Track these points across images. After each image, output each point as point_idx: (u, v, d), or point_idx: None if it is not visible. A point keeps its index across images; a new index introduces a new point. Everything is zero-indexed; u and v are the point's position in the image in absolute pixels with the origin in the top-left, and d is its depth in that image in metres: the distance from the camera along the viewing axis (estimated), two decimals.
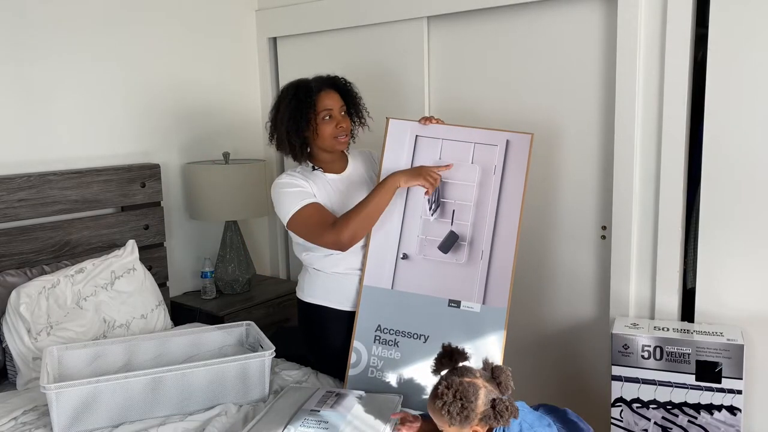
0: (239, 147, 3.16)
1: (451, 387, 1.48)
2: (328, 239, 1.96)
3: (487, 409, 1.48)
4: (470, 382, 1.50)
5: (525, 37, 2.43)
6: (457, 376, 1.53)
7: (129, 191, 2.68)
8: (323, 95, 2.04)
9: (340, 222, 1.95)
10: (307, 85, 2.05)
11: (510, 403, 1.49)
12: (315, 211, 2.00)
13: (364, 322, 2.07)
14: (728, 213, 2.05)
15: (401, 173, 1.98)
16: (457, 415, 1.46)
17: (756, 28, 1.94)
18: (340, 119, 2.06)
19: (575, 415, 1.75)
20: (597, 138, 2.34)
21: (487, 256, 2.03)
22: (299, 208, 2.00)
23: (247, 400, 1.97)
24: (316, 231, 1.98)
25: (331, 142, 2.06)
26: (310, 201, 2.01)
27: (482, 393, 1.50)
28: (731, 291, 2.08)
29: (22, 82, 2.44)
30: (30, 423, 1.84)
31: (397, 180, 1.97)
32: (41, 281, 2.22)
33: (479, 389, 1.50)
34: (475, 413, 1.47)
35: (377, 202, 1.95)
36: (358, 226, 1.94)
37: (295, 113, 2.02)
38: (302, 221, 2.00)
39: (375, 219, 1.97)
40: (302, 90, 2.04)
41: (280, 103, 2.08)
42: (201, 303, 2.85)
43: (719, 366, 1.96)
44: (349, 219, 1.94)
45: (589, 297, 2.43)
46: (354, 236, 1.94)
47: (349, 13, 2.82)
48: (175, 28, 2.90)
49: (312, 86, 2.05)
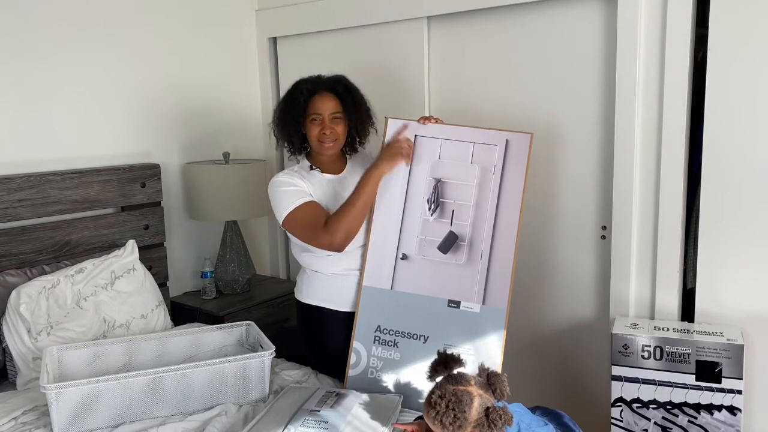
0: (239, 147, 3.16)
1: (444, 397, 1.47)
2: (323, 242, 1.98)
3: (481, 417, 1.47)
4: (464, 391, 1.49)
5: (525, 37, 2.43)
6: (451, 384, 1.52)
7: (129, 191, 2.68)
8: (316, 99, 2.05)
9: (332, 224, 1.96)
10: (301, 87, 2.07)
11: (504, 411, 1.48)
12: (308, 211, 2.01)
13: (364, 323, 2.07)
14: (728, 213, 2.05)
15: (381, 163, 2.04)
16: (450, 425, 1.45)
17: (756, 28, 1.94)
18: (327, 124, 2.05)
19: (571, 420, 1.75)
20: (597, 138, 2.34)
21: (486, 256, 2.03)
22: (294, 207, 2.01)
23: (247, 400, 1.97)
24: (310, 233, 2.00)
25: (317, 145, 2.07)
26: (304, 200, 2.02)
27: (476, 402, 1.48)
28: (731, 291, 2.08)
29: (22, 82, 2.44)
30: (30, 423, 1.84)
31: (380, 170, 2.03)
32: (41, 281, 2.22)
33: (473, 398, 1.48)
34: (468, 422, 1.46)
35: (365, 197, 2.00)
36: (350, 226, 1.97)
37: (285, 113, 2.08)
38: (296, 222, 2.02)
39: (366, 214, 2.03)
40: (297, 91, 2.08)
41: (281, 101, 2.14)
42: (201, 303, 2.85)
43: (719, 366, 1.96)
44: (341, 219, 1.96)
45: (589, 297, 2.43)
46: (347, 236, 1.98)
47: (349, 13, 2.82)
48: (175, 28, 2.90)
49: (305, 89, 2.06)
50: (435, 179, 2.08)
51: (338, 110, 2.07)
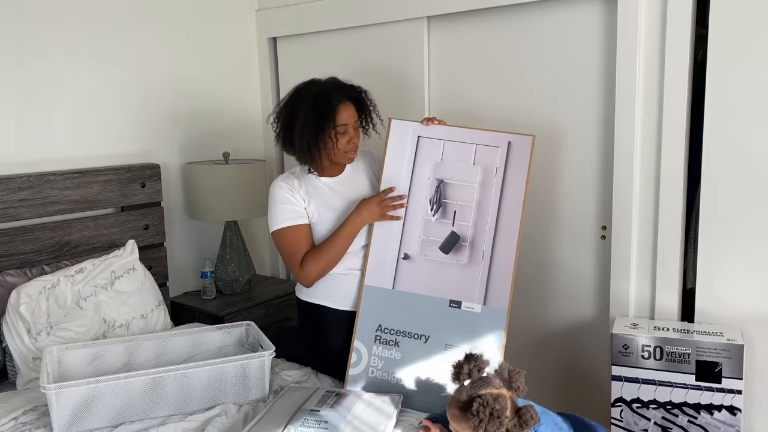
0: (239, 147, 3.15)
1: (488, 405, 1.48)
2: (295, 275, 2.10)
3: (513, 418, 1.51)
4: (499, 396, 1.51)
5: (525, 37, 2.43)
6: (483, 387, 1.54)
7: (129, 191, 2.68)
8: (342, 108, 2.01)
9: (307, 265, 2.05)
10: (327, 95, 2.00)
11: (533, 410, 1.52)
12: (292, 239, 2.06)
13: (365, 322, 2.07)
14: (728, 213, 2.05)
15: (368, 214, 2.05)
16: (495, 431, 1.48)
17: (756, 28, 1.94)
18: (353, 134, 2.06)
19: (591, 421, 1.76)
20: (597, 138, 2.34)
21: (488, 256, 2.03)
22: (281, 227, 2.06)
23: (247, 400, 1.97)
24: (287, 260, 2.10)
25: (342, 156, 2.07)
26: (294, 224, 2.06)
27: (509, 404, 1.52)
28: (731, 291, 2.08)
29: (22, 82, 2.43)
30: (30, 423, 1.84)
31: (364, 221, 2.06)
32: (41, 281, 2.22)
33: (507, 400, 1.52)
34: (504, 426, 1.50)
35: (344, 241, 2.05)
36: (325, 270, 2.06)
37: (315, 125, 1.98)
38: (280, 241, 2.09)
39: (343, 255, 2.07)
40: (322, 100, 1.99)
41: (298, 109, 2.01)
42: (201, 303, 2.85)
43: (719, 366, 1.96)
44: (317, 263, 2.04)
45: (589, 297, 2.43)
46: (318, 277, 2.08)
47: (350, 13, 2.82)
48: (175, 28, 2.90)
49: (333, 97, 2.00)
50: (437, 180, 2.09)
51: (357, 118, 2.08)
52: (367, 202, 2.07)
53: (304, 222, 2.08)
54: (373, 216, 2.06)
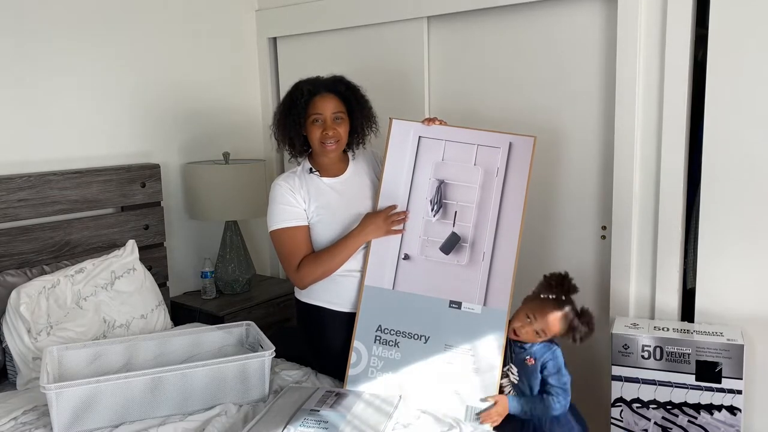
0: (239, 147, 3.15)
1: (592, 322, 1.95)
2: (290, 277, 2.10)
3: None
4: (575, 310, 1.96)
5: (525, 37, 2.43)
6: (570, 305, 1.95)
7: (129, 191, 2.68)
8: (317, 99, 2.04)
9: (304, 269, 2.04)
10: (302, 88, 2.06)
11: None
12: (290, 241, 2.07)
13: (365, 322, 2.07)
14: (728, 213, 2.05)
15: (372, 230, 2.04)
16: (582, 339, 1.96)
17: (756, 28, 1.94)
18: (329, 125, 2.05)
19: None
20: (597, 138, 2.34)
21: (488, 257, 2.03)
22: (280, 228, 2.07)
23: (247, 400, 1.97)
24: (284, 261, 2.10)
25: (319, 147, 2.07)
26: (293, 225, 2.06)
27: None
28: (731, 291, 2.08)
29: (22, 82, 2.43)
30: (30, 423, 1.84)
31: (367, 237, 2.05)
32: (41, 281, 2.22)
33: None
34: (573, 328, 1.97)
35: (345, 254, 2.04)
36: (321, 276, 2.06)
37: (285, 115, 2.07)
38: (277, 241, 2.11)
39: (338, 268, 2.05)
40: (297, 92, 2.06)
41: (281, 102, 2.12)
42: (201, 303, 2.85)
43: (719, 366, 1.96)
44: (315, 270, 2.04)
45: (589, 297, 2.43)
46: (312, 284, 2.08)
47: (350, 13, 2.82)
48: (175, 28, 2.90)
49: (306, 89, 2.05)
50: (438, 180, 2.08)
51: (340, 110, 2.07)
52: (373, 217, 2.06)
53: (302, 224, 2.08)
54: (378, 231, 2.05)
